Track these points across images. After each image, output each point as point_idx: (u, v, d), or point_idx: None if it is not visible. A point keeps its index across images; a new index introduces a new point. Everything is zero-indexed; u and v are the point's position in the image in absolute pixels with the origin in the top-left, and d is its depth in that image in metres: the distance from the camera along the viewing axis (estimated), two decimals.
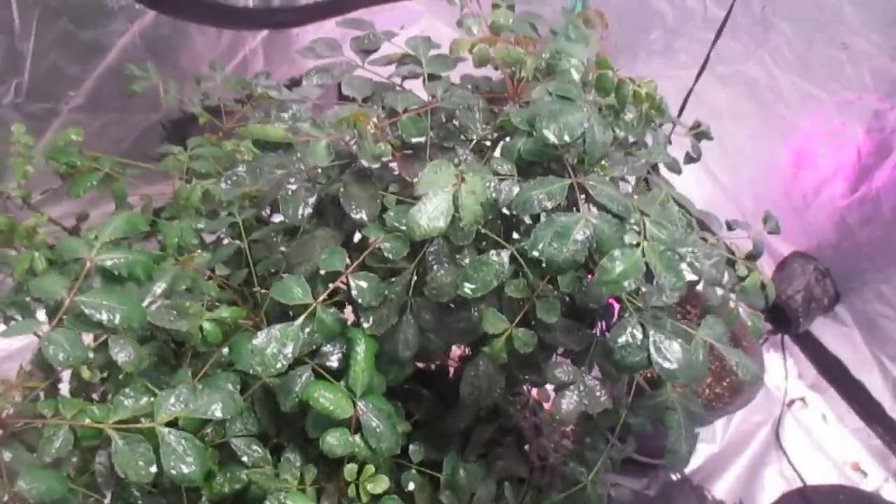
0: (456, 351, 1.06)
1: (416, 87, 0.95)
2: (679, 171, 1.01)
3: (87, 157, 1.12)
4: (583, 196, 0.73)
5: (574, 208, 0.73)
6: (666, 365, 0.75)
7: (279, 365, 0.72)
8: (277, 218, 1.09)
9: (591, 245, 0.70)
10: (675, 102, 1.86)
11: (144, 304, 0.79)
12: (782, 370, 1.88)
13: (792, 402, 1.85)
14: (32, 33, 1.34)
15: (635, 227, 0.74)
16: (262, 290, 0.97)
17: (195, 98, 1.30)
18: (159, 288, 0.81)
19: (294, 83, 0.96)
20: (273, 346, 0.72)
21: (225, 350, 0.85)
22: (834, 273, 1.73)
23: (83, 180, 1.10)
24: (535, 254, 0.69)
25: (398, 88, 0.96)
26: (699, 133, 1.04)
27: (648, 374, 0.84)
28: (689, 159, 1.01)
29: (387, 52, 0.99)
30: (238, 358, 0.81)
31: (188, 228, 1.06)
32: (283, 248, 0.99)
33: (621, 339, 0.77)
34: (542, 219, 0.71)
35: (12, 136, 1.15)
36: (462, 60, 0.97)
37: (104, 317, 0.74)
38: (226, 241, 1.07)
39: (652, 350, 0.76)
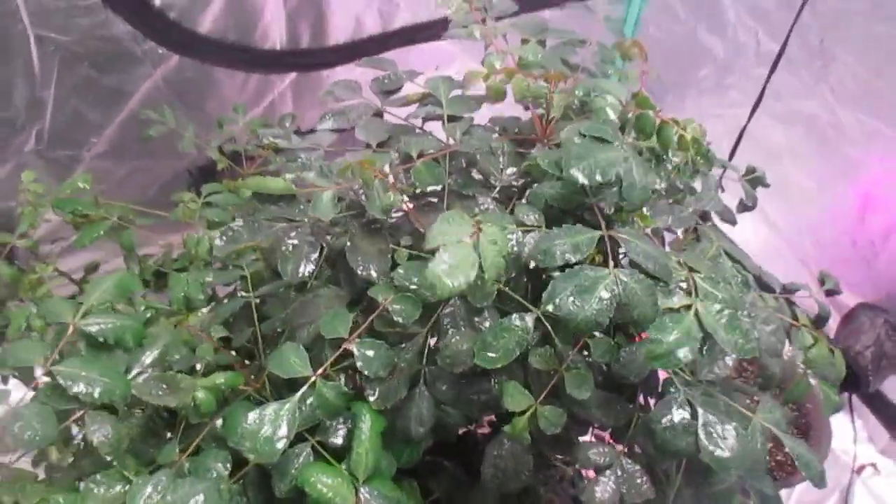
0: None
1: (439, 130, 0.87)
2: (733, 222, 0.90)
3: (95, 206, 1.07)
4: (622, 251, 0.63)
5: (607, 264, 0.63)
6: (718, 453, 0.64)
7: (273, 450, 0.63)
8: None
9: (619, 305, 0.59)
10: (726, 143, 1.74)
11: (131, 375, 0.71)
12: (850, 433, 1.71)
13: (862, 468, 1.68)
14: (53, 80, 1.31)
15: (681, 286, 0.63)
16: (269, 351, 0.89)
17: (215, 143, 1.25)
18: (149, 357, 0.73)
19: (312, 130, 0.90)
20: (266, 427, 0.64)
21: (220, 421, 0.76)
22: None
23: (90, 230, 1.05)
24: (551, 308, 0.59)
25: (418, 132, 0.88)
26: (754, 179, 0.93)
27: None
28: (743, 208, 0.90)
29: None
30: (230, 433, 0.72)
31: (194, 282, 0.98)
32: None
33: (665, 420, 0.66)
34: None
35: (21, 183, 1.10)
36: (489, 101, 0.89)
37: (82, 389, 0.66)
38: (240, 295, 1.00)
39: (701, 434, 0.64)
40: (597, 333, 0.70)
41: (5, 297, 1.06)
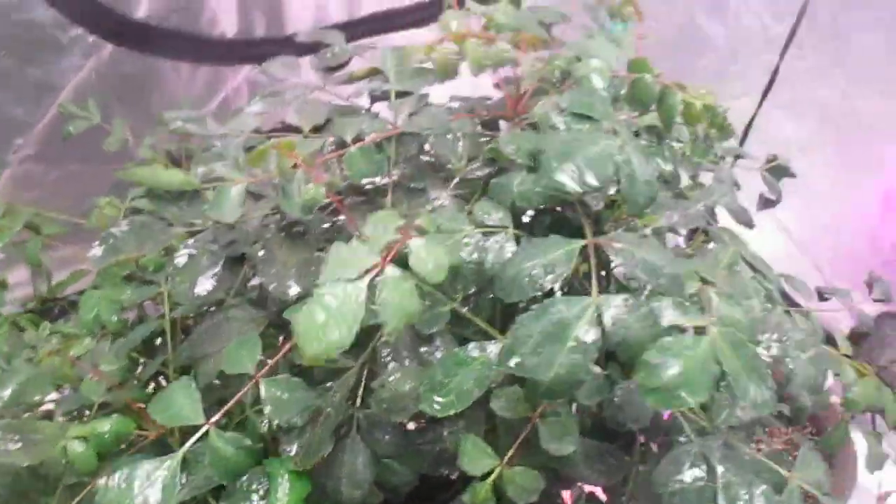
0: None
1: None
2: (749, 224, 0.73)
3: None
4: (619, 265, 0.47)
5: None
6: None
7: None
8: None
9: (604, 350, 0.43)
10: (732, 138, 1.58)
11: None
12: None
13: (887, 494, 1.52)
14: None
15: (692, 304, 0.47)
16: None
17: (148, 141, 1.08)
18: None
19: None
20: (134, 496, 0.47)
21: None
22: None
23: None
24: (513, 365, 0.42)
25: (363, 114, 0.72)
26: (776, 169, 0.77)
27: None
28: (765, 203, 0.74)
29: None
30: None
31: (106, 301, 0.82)
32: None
33: (674, 482, 0.49)
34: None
35: None
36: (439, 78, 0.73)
37: None
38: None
39: (722, 501, 0.48)
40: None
41: None
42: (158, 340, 0.83)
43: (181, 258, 0.57)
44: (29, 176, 1.31)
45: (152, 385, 0.77)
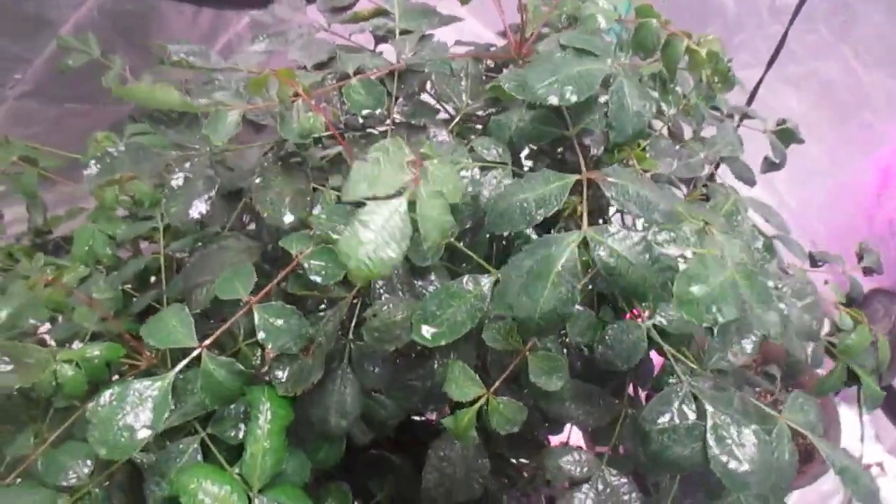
0: None
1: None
2: (751, 182, 0.73)
3: None
4: (612, 199, 0.46)
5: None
6: (733, 465, 0.47)
7: (131, 443, 0.46)
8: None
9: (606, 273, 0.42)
10: None
11: None
12: (857, 431, 1.56)
13: (868, 467, 1.53)
14: None
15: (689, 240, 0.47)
16: None
17: (148, 78, 1.07)
18: None
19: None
20: (125, 414, 0.47)
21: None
22: None
23: None
24: (506, 311, 0.42)
25: (366, 52, 0.71)
26: (784, 132, 0.76)
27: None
28: (770, 166, 0.74)
29: None
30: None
31: (101, 234, 0.81)
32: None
33: (663, 420, 0.50)
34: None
35: None
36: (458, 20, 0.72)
37: None
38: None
39: (711, 439, 0.48)
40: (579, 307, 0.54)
41: None
42: (153, 279, 0.83)
43: (176, 180, 0.56)
44: (27, 112, 1.30)
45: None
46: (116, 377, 0.66)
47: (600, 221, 0.58)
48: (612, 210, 0.62)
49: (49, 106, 1.33)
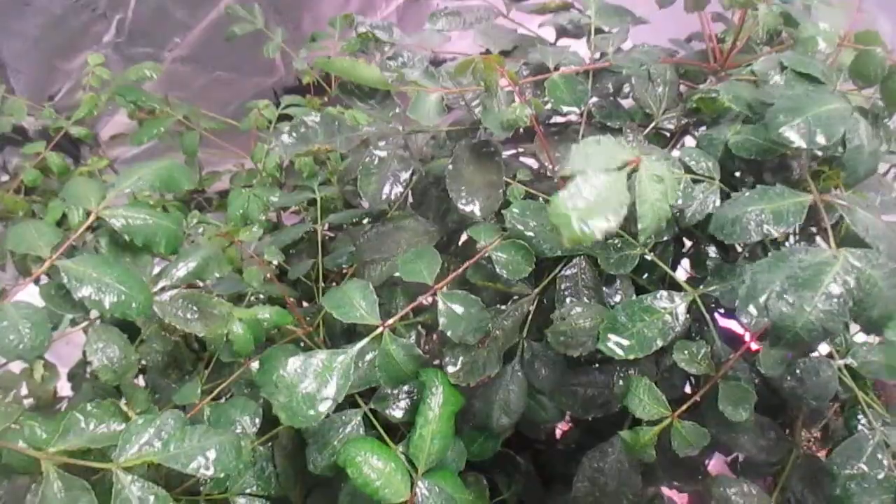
0: None
1: (575, 49, 0.69)
2: None
3: (162, 102, 0.93)
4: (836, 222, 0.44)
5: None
6: None
7: (313, 412, 0.47)
8: None
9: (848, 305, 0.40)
10: None
11: (156, 287, 0.56)
12: None
13: None
14: None
15: None
16: None
17: (303, 54, 1.09)
18: (182, 270, 0.58)
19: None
20: (309, 382, 0.47)
21: (256, 365, 0.61)
22: None
23: (150, 126, 0.91)
24: (752, 311, 0.40)
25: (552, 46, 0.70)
26: None
27: None
28: None
29: None
30: (265, 381, 0.57)
31: (256, 199, 0.83)
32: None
33: (853, 465, 0.47)
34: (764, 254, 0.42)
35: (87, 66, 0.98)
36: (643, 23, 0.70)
37: (90, 294, 0.50)
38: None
39: None
40: None
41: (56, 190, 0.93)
42: (291, 251, 0.85)
43: (370, 158, 0.57)
44: (178, 77, 1.35)
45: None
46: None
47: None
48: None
49: (200, 73, 1.38)
